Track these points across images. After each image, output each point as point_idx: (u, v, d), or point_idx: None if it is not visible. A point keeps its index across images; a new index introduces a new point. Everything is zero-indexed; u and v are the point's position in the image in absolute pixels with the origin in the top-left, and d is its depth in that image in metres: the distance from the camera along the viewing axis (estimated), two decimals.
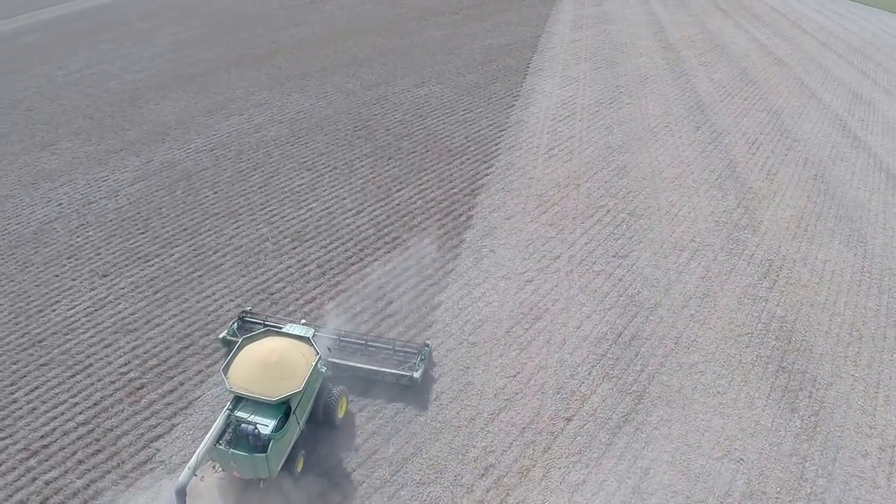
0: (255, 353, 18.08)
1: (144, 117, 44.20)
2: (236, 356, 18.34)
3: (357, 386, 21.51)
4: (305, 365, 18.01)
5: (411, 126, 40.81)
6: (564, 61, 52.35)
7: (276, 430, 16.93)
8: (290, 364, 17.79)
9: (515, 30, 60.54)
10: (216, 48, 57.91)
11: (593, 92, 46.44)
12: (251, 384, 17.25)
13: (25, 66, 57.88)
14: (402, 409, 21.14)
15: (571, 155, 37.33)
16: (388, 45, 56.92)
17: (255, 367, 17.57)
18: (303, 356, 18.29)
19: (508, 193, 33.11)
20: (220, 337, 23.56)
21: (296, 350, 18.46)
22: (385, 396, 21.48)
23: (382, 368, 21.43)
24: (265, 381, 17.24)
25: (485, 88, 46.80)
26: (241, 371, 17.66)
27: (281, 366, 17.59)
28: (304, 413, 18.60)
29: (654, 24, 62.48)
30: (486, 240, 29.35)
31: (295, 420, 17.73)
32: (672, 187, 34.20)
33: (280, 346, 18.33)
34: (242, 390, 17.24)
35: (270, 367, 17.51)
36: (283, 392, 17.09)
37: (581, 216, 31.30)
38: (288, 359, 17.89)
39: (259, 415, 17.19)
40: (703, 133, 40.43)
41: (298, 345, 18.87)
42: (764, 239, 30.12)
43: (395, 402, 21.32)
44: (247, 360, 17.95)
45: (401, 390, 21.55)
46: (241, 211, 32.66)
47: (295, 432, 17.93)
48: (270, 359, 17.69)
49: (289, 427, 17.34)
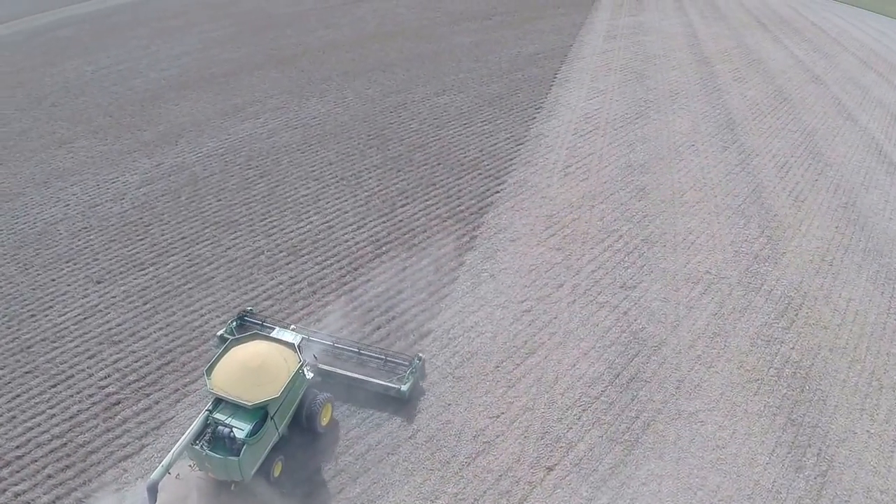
0: (239, 356, 18.06)
1: (162, 117, 44.00)
2: (222, 357, 18.30)
3: (345, 394, 21.19)
4: (287, 372, 17.86)
5: (426, 136, 39.70)
6: (593, 73, 50.65)
7: (250, 435, 16.88)
8: (271, 370, 17.70)
9: (547, 38, 58.98)
10: (243, 48, 57.69)
11: (619, 106, 44.70)
12: (231, 387, 17.25)
13: (57, 60, 58.54)
14: (381, 439, 20.30)
15: (589, 173, 35.76)
16: (415, 50, 55.93)
17: (237, 370, 17.58)
18: (285, 362, 18.15)
19: (517, 213, 31.75)
20: (218, 335, 23.42)
21: (280, 356, 18.31)
22: (373, 407, 21.05)
23: (371, 378, 21.02)
24: (244, 385, 17.21)
25: (507, 99, 45.44)
26: (223, 373, 17.66)
27: (261, 371, 17.54)
28: (286, 419, 18.46)
29: (689, 36, 60.25)
30: (487, 263, 28.07)
31: (273, 426, 17.68)
32: (692, 212, 32.41)
33: (264, 351, 18.27)
34: (222, 392, 17.24)
35: (251, 371, 17.47)
36: (260, 398, 17.01)
37: (591, 241, 29.78)
38: (269, 364, 17.80)
39: (236, 418, 17.19)
40: (730, 153, 38.44)
41: (284, 350, 18.67)
42: (785, 273, 28.22)
43: (380, 419, 20.87)
44: (230, 362, 17.95)
45: (389, 402, 21.06)
46: (242, 221, 31.96)
47: (272, 438, 17.87)
48: (252, 363, 17.66)
49: (265, 432, 17.29)
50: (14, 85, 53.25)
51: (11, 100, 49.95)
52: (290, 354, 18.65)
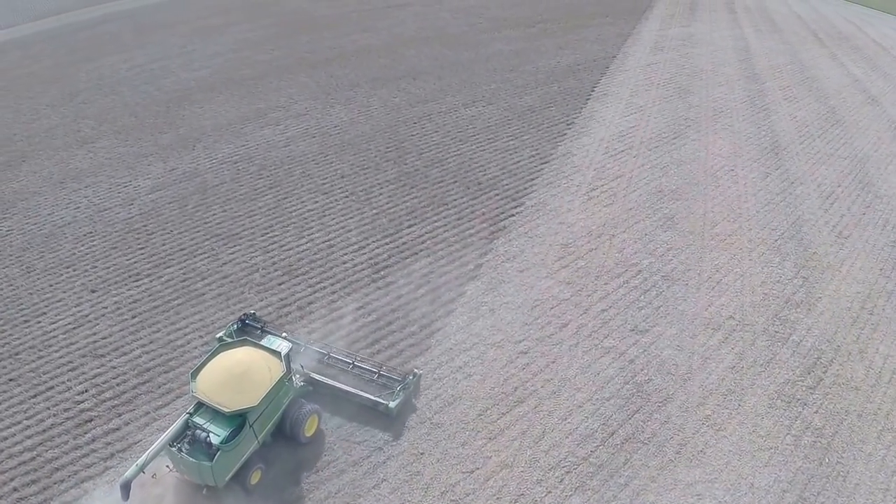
0: (224, 362, 18.10)
1: (184, 120, 43.53)
2: (209, 361, 18.34)
3: (334, 405, 20.92)
4: (269, 381, 17.78)
5: (447, 151, 38.06)
6: (634, 87, 48.15)
7: (225, 442, 16.83)
8: (254, 378, 17.64)
9: (590, 48, 56.58)
10: (277, 50, 57.07)
11: (657, 124, 42.20)
12: (212, 392, 17.29)
13: (96, 55, 59.06)
14: (363, 457, 19.74)
15: (614, 198, 33.55)
16: (451, 57, 54.32)
17: (220, 375, 17.63)
18: (269, 371, 18.04)
19: (530, 240, 29.83)
20: (217, 337, 23.01)
21: (265, 364, 18.19)
22: (361, 420, 20.76)
23: (359, 392, 20.66)
24: (225, 392, 17.22)
25: (539, 113, 43.42)
26: (207, 377, 17.71)
27: (243, 378, 17.51)
28: (267, 427, 18.42)
29: (741, 50, 56.92)
30: (489, 295, 26.28)
31: (252, 434, 17.64)
32: (722, 246, 29.95)
33: (250, 359, 18.19)
34: (203, 396, 17.30)
35: (233, 378, 17.48)
36: (238, 405, 17.04)
37: (606, 275, 27.67)
38: (252, 372, 17.74)
39: (215, 423, 17.20)
40: (772, 181, 35.64)
41: (270, 359, 18.53)
42: (818, 321, 25.61)
43: (365, 434, 20.51)
44: (216, 366, 17.99)
45: (378, 416, 20.69)
46: (244, 234, 30.96)
47: (250, 445, 17.80)
48: (236, 370, 17.68)
49: (241, 440, 17.22)
50: (51, 80, 53.81)
51: (45, 95, 50.40)
52: (276, 364, 18.40)
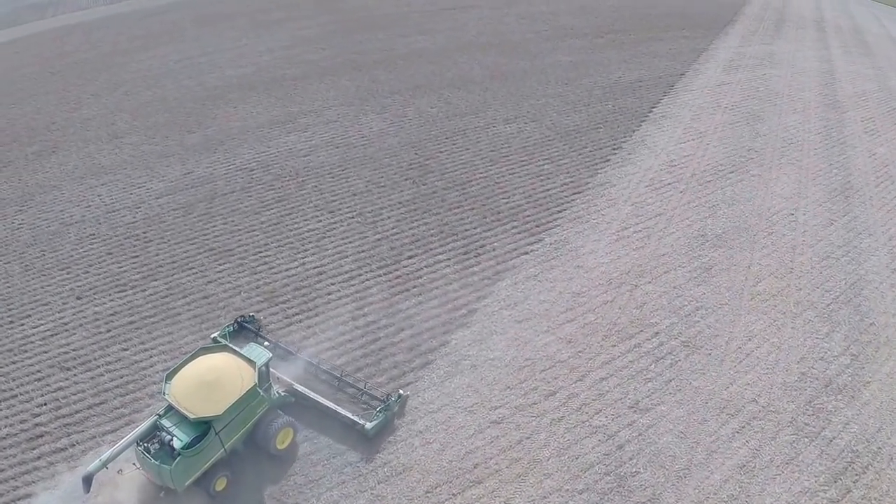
0: (199, 367, 18.03)
1: (214, 120, 42.49)
2: (186, 364, 18.26)
3: (314, 418, 20.38)
4: (238, 391, 17.51)
5: (473, 172, 35.28)
6: (697, 109, 43.91)
7: (187, 447, 16.76)
8: (224, 387, 17.44)
9: (657, 63, 52.36)
10: (327, 50, 55.57)
11: (716, 154, 38.03)
12: (181, 396, 17.23)
13: (152, 45, 59.31)
14: (328, 474, 19.02)
15: (647, 240, 29.96)
16: (504, 66, 51.33)
17: (192, 380, 17.58)
18: (241, 381, 17.75)
19: (538, 285, 26.76)
20: (212, 337, 22.86)
21: (238, 373, 17.93)
22: (336, 436, 20.03)
23: (339, 409, 20.08)
24: (193, 398, 17.14)
25: (584, 134, 39.98)
26: (180, 380, 17.68)
27: (213, 386, 17.37)
28: (237, 436, 18.14)
29: (824, 73, 51.30)
30: (474, 348, 23.44)
31: (218, 442, 17.43)
32: (762, 308, 26.01)
33: (224, 366, 18.03)
34: (172, 400, 17.24)
35: (204, 385, 17.39)
36: (203, 412, 16.93)
37: (616, 335, 24.33)
38: (223, 381, 17.56)
39: (180, 427, 17.19)
40: (836, 230, 31.15)
41: (246, 368, 18.22)
42: (860, 414, 21.50)
43: (336, 451, 19.73)
44: (190, 371, 17.91)
45: (354, 434, 19.92)
46: (237, 251, 29.27)
47: (215, 453, 17.54)
48: (207, 377, 17.57)
49: (204, 447, 17.05)
50: (102, 68, 54.21)
51: (92, 83, 50.67)
52: (250, 374, 18.07)
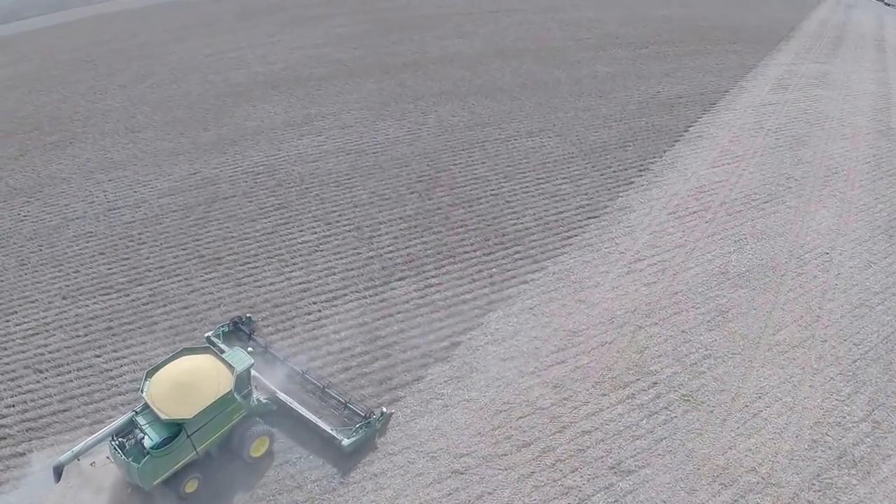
0: (178, 368, 17.98)
1: (232, 119, 41.72)
2: (168, 363, 18.24)
3: (294, 427, 19.88)
4: (212, 397, 17.34)
5: (484, 188, 33.50)
6: (737, 130, 41.13)
7: (156, 447, 16.75)
8: (198, 391, 17.33)
9: (701, 79, 49.54)
10: (359, 50, 54.38)
11: (751, 180, 35.34)
12: (156, 396, 17.23)
13: (187, 36, 59.17)
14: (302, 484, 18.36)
15: (662, 275, 27.71)
16: (538, 74, 49.28)
17: (169, 381, 17.55)
18: (217, 386, 17.56)
19: (533, 318, 24.85)
20: (206, 336, 22.67)
21: (216, 378, 17.75)
22: (314, 448, 19.40)
23: (319, 422, 19.50)
24: (168, 398, 17.13)
25: (611, 152, 37.74)
26: (158, 379, 17.67)
27: (188, 389, 17.31)
28: (211, 440, 17.94)
29: (880, 97, 47.53)
30: (449, 386, 21.72)
31: (189, 444, 17.31)
32: (779, 361, 23.55)
33: (202, 369, 17.91)
34: (148, 398, 17.25)
35: (179, 386, 17.35)
36: (174, 414, 16.90)
37: (609, 383, 22.26)
38: (198, 385, 17.45)
39: (153, 427, 17.21)
40: (874, 273, 28.26)
41: (224, 374, 17.97)
42: (874, 493, 19.00)
43: (313, 464, 19.07)
44: (169, 371, 17.88)
45: (331, 446, 19.24)
46: (226, 260, 28.24)
47: (186, 455, 17.42)
48: (183, 379, 17.52)
49: (174, 448, 16.98)
50: (135, 58, 54.23)
51: (122, 74, 50.63)
52: (228, 379, 17.81)
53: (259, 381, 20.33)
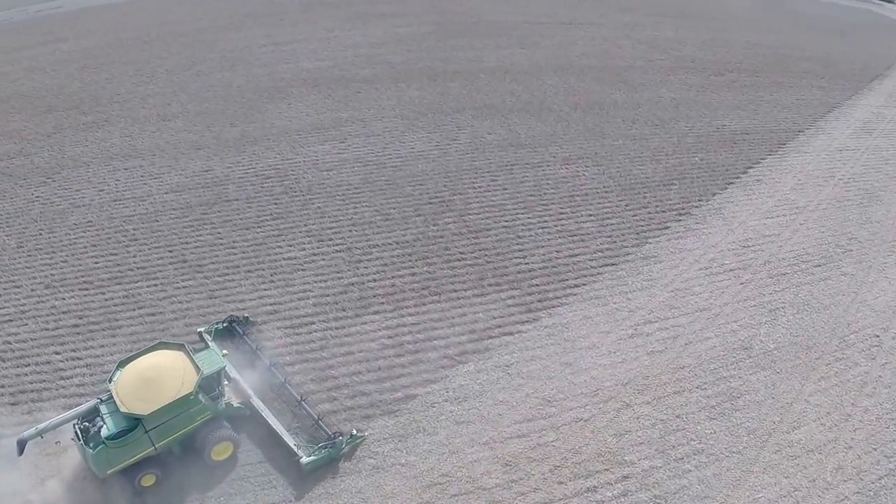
0: (147, 362, 18.10)
1: (262, 115, 40.70)
2: (142, 355, 18.47)
3: (265, 437, 19.45)
4: (172, 395, 17.32)
5: (498, 218, 31.00)
6: (804, 177, 36.95)
7: (111, 437, 16.84)
8: (159, 388, 17.36)
9: (775, 114, 45.14)
10: (413, 52, 52.52)
11: (807, 238, 31.38)
12: (121, 387, 17.42)
13: (247, 25, 58.92)
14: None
15: (672, 342, 24.52)
16: (594, 95, 46.11)
17: (135, 373, 17.70)
18: (181, 386, 17.55)
19: (506, 378, 22.22)
20: (198, 331, 22.67)
21: (181, 378, 17.72)
22: (275, 458, 18.93)
23: (284, 434, 19.09)
24: (129, 391, 17.27)
25: (652, 190, 34.43)
26: (128, 371, 17.88)
27: (150, 385, 17.38)
28: (171, 437, 17.83)
29: None
30: (387, 445, 19.44)
31: (147, 439, 17.32)
32: (785, 468, 20.12)
33: (170, 367, 17.92)
34: (113, 388, 17.45)
35: (142, 381, 17.45)
36: (132, 408, 16.99)
37: (570, 469, 19.41)
38: (161, 382, 17.48)
39: (113, 417, 17.30)
40: None
41: (191, 373, 17.90)
42: None
43: (268, 476, 18.60)
44: (139, 364, 18.04)
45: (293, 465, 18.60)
46: (208, 268, 27.14)
47: (144, 449, 17.39)
48: (148, 374, 17.60)
49: (130, 441, 17.05)
50: (191, 43, 54.25)
51: (172, 59, 50.62)
52: (193, 380, 17.70)
53: (238, 384, 20.00)
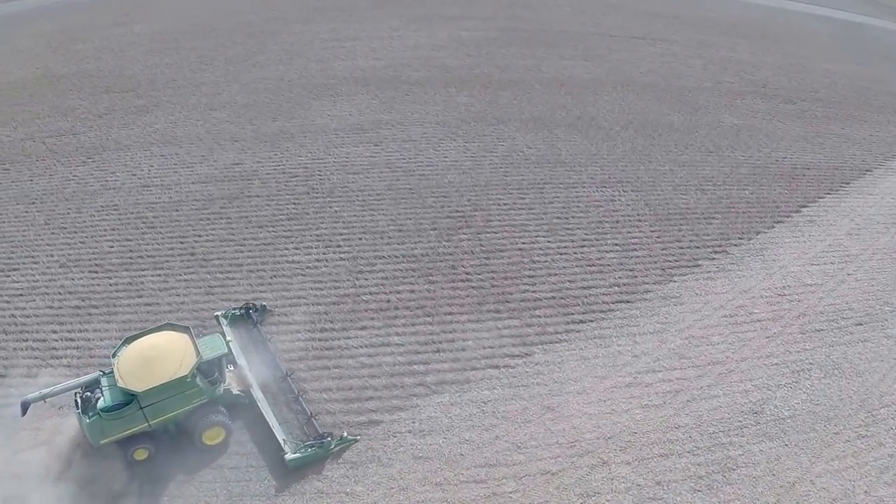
0: (150, 341, 18.72)
1: (304, 113, 40.81)
2: (148, 333, 19.18)
3: (261, 426, 19.68)
4: (167, 377, 17.82)
5: (515, 239, 29.84)
6: (862, 221, 34.06)
7: (106, 410, 17.54)
8: (158, 367, 17.92)
9: (843, 150, 41.92)
10: (472, 58, 51.57)
11: (852, 291, 28.79)
12: (122, 362, 18.05)
13: (316, 18, 59.49)
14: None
15: (671, 398, 22.74)
16: (650, 115, 44.01)
17: (136, 350, 18.36)
18: (178, 367, 18.06)
19: (479, 416, 21.05)
20: (215, 315, 23.16)
21: (179, 360, 18.20)
22: (263, 449, 19.31)
23: (275, 427, 19.34)
24: (128, 367, 17.88)
25: (690, 222, 32.42)
26: (132, 347, 18.56)
27: (148, 364, 17.96)
28: (165, 416, 18.43)
29: None
30: (335, 472, 18.77)
31: (142, 415, 17.93)
32: None
33: (171, 348, 18.43)
34: (114, 362, 18.11)
35: (141, 359, 18.07)
36: (128, 384, 17.55)
37: None
38: (159, 362, 18.01)
39: (111, 390, 17.96)
40: None
41: (190, 356, 18.36)
42: None
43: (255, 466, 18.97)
44: (143, 343, 18.69)
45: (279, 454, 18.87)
46: (212, 263, 27.43)
47: (138, 424, 18.03)
48: (148, 353, 18.22)
49: (125, 415, 17.69)
50: (254, 33, 55.10)
51: (235, 48, 51.51)
52: (190, 363, 18.13)
53: (242, 371, 20.53)
